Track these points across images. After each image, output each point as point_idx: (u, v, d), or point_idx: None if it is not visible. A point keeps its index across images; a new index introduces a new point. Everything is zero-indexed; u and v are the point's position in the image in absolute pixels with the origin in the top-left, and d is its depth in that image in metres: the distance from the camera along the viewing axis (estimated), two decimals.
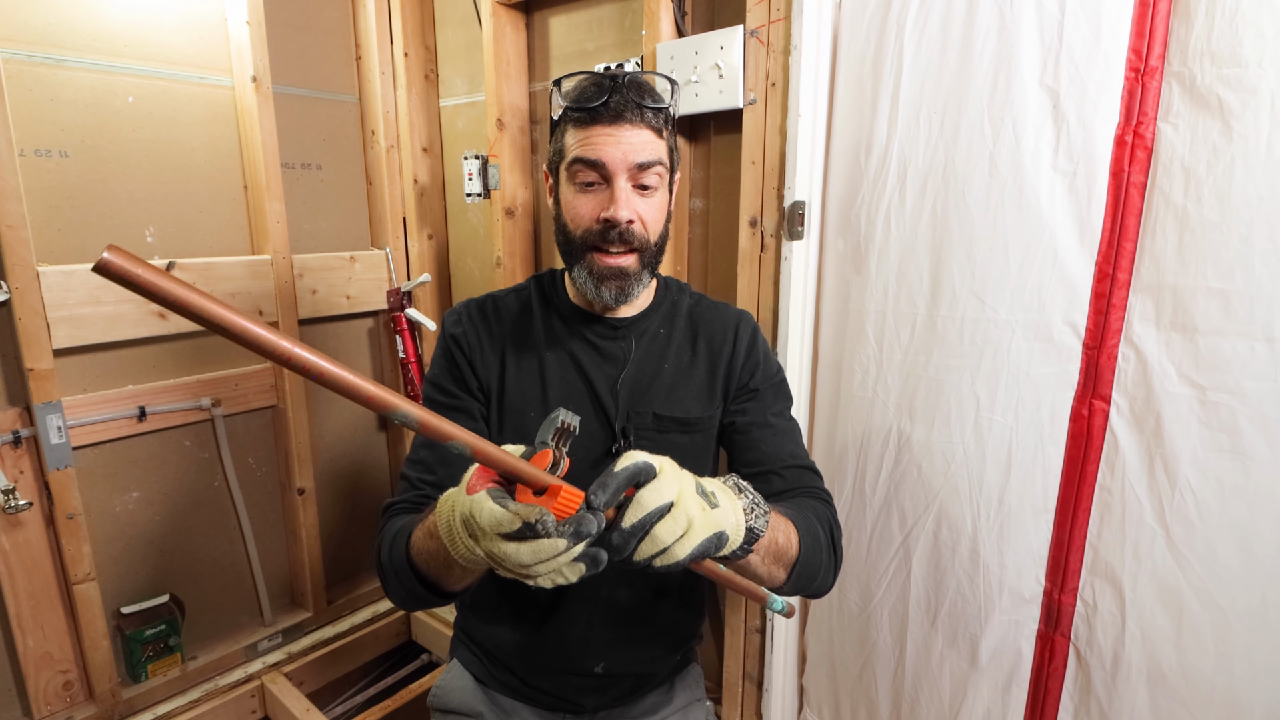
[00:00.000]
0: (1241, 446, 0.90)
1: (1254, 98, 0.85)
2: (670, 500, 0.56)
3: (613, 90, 0.83)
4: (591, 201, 0.85)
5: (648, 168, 0.84)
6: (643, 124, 0.83)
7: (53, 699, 1.48)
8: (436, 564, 0.69)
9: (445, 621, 1.95)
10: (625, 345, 0.95)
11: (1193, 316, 0.91)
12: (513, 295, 1.00)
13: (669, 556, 0.56)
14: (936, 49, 1.07)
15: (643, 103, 0.83)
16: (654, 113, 0.84)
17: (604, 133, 0.83)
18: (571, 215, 0.87)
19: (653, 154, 0.84)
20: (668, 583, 1.00)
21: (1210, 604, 0.94)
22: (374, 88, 1.87)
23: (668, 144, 0.87)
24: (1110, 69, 0.94)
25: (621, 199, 0.83)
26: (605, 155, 0.82)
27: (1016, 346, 1.05)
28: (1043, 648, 1.09)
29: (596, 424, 0.93)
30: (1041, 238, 1.01)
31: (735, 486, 0.67)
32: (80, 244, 1.46)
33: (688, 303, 1.01)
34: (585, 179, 0.85)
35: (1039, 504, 1.06)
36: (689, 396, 0.95)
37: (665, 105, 0.85)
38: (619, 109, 0.82)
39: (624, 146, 0.82)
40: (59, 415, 1.40)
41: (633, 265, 0.87)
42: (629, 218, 0.84)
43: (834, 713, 1.39)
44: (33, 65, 1.38)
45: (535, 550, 0.52)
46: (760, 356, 0.99)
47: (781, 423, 0.97)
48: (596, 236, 0.85)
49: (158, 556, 1.65)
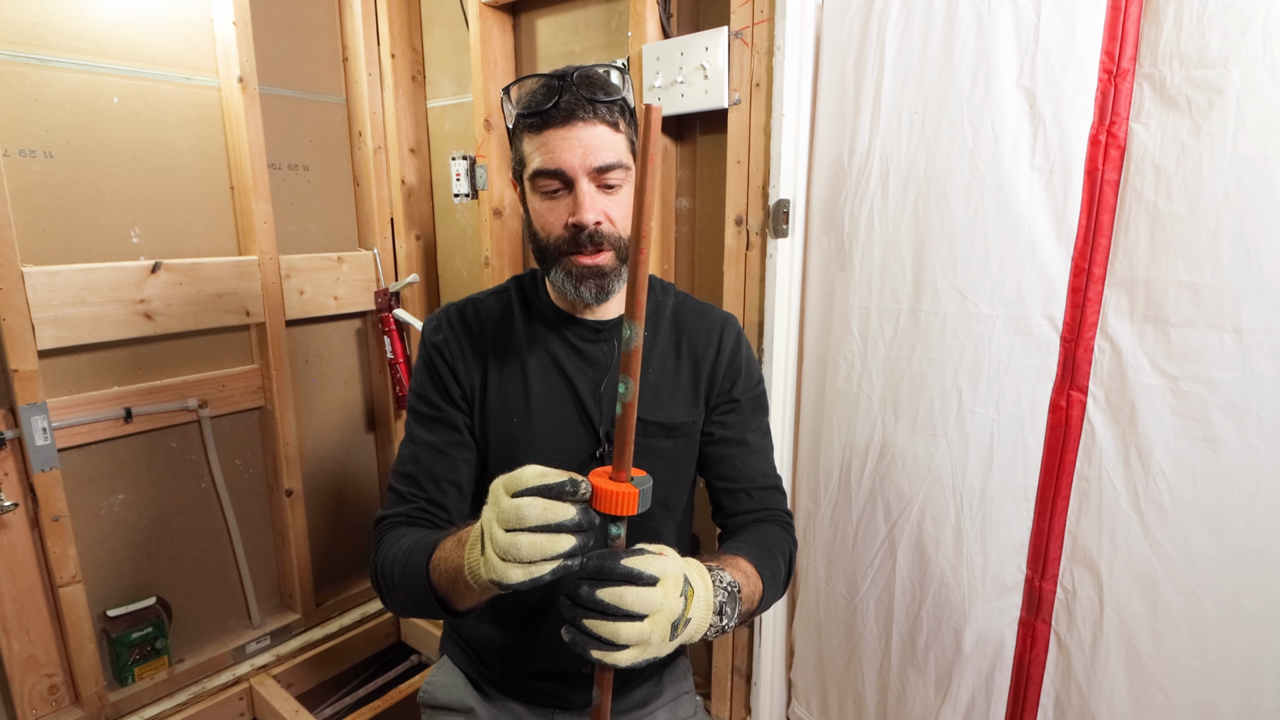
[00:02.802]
0: (1212, 434, 0.92)
1: (1220, 97, 0.88)
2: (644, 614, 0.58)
3: (562, 90, 0.81)
4: (559, 208, 0.85)
5: (608, 170, 0.83)
6: (596, 120, 0.82)
7: (38, 703, 1.47)
8: (453, 586, 0.70)
9: (435, 622, 1.96)
10: (608, 349, 0.94)
11: (1164, 309, 0.94)
12: (493, 298, 0.99)
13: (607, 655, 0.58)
14: (917, 51, 1.10)
15: (594, 98, 0.81)
16: (606, 106, 0.83)
17: (559, 136, 0.81)
18: (541, 224, 0.87)
19: (612, 155, 0.83)
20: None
21: (1184, 589, 0.97)
22: (361, 89, 1.87)
23: (626, 136, 0.86)
24: (1084, 71, 0.97)
25: (586, 202, 0.82)
26: (563, 162, 0.81)
27: (997, 340, 1.08)
28: (1025, 635, 1.12)
29: (580, 429, 0.93)
30: (1020, 234, 1.04)
31: (724, 589, 0.70)
32: (65, 245, 1.46)
33: (672, 304, 1.00)
34: (548, 187, 0.84)
35: (1020, 493, 1.09)
36: (674, 401, 0.95)
37: (617, 97, 0.84)
38: (570, 108, 0.81)
39: (581, 149, 0.81)
40: (44, 416, 1.40)
41: (609, 262, 0.87)
42: (596, 219, 0.83)
43: (822, 705, 1.41)
44: (16, 65, 1.38)
45: (546, 509, 0.56)
46: (743, 364, 0.99)
47: (757, 439, 0.99)
48: (568, 242, 0.85)
49: (144, 559, 1.64)
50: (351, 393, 2.03)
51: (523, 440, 0.92)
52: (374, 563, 0.84)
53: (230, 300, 1.66)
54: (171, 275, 1.57)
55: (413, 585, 0.75)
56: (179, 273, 1.58)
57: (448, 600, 0.73)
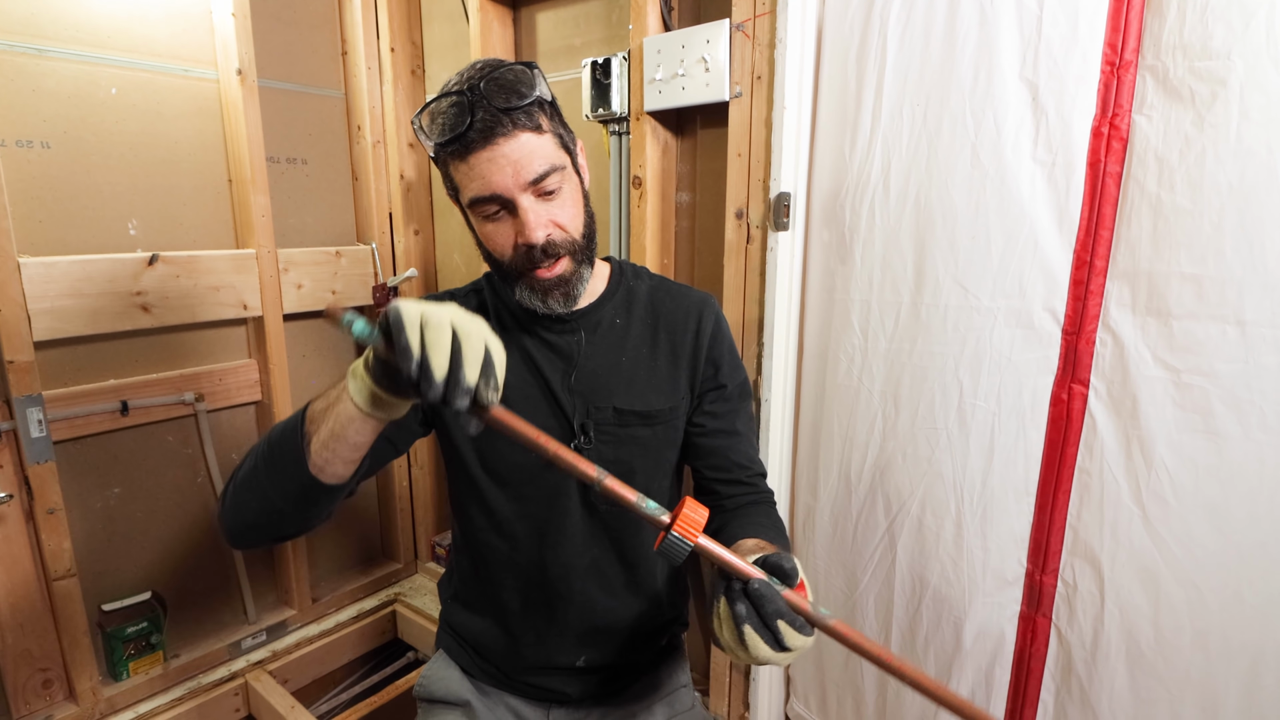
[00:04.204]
0: (1214, 427, 0.92)
1: (1224, 89, 0.88)
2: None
3: (474, 108, 0.76)
4: (504, 229, 0.82)
5: (544, 179, 0.79)
6: (517, 129, 0.77)
7: (32, 697, 1.46)
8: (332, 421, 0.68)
9: (431, 618, 1.95)
10: (576, 340, 0.94)
11: (1167, 301, 0.94)
12: (472, 294, 0.99)
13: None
14: (919, 42, 1.10)
15: (509, 106, 0.77)
16: (524, 113, 0.78)
17: (484, 159, 0.77)
18: (492, 246, 0.85)
19: (542, 163, 0.79)
20: (644, 576, 1.00)
21: (1186, 582, 0.96)
22: (360, 83, 1.86)
23: (553, 135, 0.81)
24: (1087, 63, 0.97)
25: (531, 220, 0.80)
26: (497, 185, 0.78)
27: (998, 333, 1.07)
28: (1025, 629, 1.11)
29: (554, 422, 0.92)
30: (1022, 227, 1.03)
31: None
32: (62, 236, 1.45)
33: (646, 288, 0.98)
34: (488, 211, 0.81)
35: (1020, 487, 1.08)
36: (650, 388, 0.94)
37: (531, 98, 0.78)
38: (488, 127, 0.76)
39: (510, 167, 0.77)
40: (39, 408, 1.39)
41: (569, 269, 0.85)
42: (545, 235, 0.81)
43: (820, 701, 1.40)
44: (14, 55, 1.37)
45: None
46: (725, 346, 0.98)
47: (745, 427, 0.99)
48: (523, 261, 0.83)
49: (140, 553, 1.63)
50: None
51: (497, 434, 0.92)
52: (232, 474, 0.79)
53: (228, 294, 1.65)
54: (169, 268, 1.56)
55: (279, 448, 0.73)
56: (176, 265, 1.57)
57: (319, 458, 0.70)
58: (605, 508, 0.95)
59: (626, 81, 1.42)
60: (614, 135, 1.49)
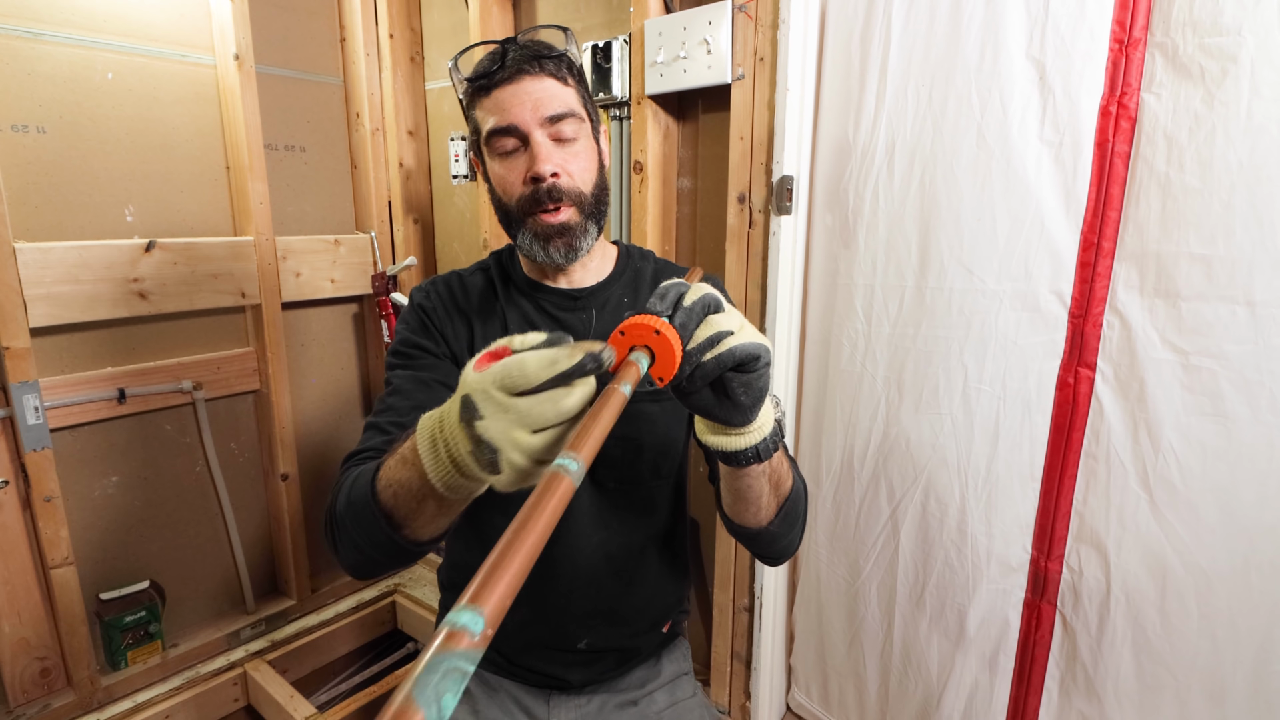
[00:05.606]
0: (1223, 409, 0.91)
1: (1234, 65, 0.86)
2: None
3: (506, 53, 0.83)
4: (517, 165, 0.85)
5: (560, 119, 0.83)
6: (543, 74, 0.83)
7: (30, 686, 1.45)
8: (407, 497, 0.61)
9: (431, 609, 1.94)
10: (586, 317, 0.94)
11: (1175, 282, 0.93)
12: (479, 273, 1.00)
13: (722, 346, 0.55)
14: (924, 22, 1.08)
15: (539, 54, 0.83)
16: (553, 62, 0.84)
17: (507, 93, 0.82)
18: (502, 186, 0.87)
19: (562, 104, 0.83)
20: (649, 559, 0.99)
21: (1193, 567, 0.95)
22: (359, 70, 1.85)
23: (576, 92, 0.86)
24: (1095, 41, 0.95)
25: (541, 153, 0.82)
26: (515, 116, 0.82)
27: (1004, 316, 1.06)
28: (1029, 616, 1.10)
29: None
30: (1028, 208, 1.02)
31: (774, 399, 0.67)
32: (58, 221, 1.43)
33: (652, 269, 1.00)
34: (504, 147, 0.84)
35: (1026, 472, 1.07)
36: None
37: (562, 52, 0.85)
38: (516, 65, 0.82)
39: (530, 101, 0.82)
40: (36, 395, 1.38)
41: (573, 218, 0.86)
42: (553, 170, 0.83)
43: (822, 690, 1.40)
44: (9, 38, 1.35)
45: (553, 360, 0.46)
46: None
47: None
48: (529, 200, 0.85)
49: (137, 542, 1.62)
50: (348, 377, 2.01)
51: None
52: (328, 508, 0.74)
53: (226, 281, 1.64)
54: (166, 254, 1.55)
55: (358, 510, 0.65)
56: (174, 252, 1.56)
57: (401, 521, 0.63)
58: (614, 485, 0.94)
59: (627, 65, 1.41)
60: (615, 120, 1.48)
